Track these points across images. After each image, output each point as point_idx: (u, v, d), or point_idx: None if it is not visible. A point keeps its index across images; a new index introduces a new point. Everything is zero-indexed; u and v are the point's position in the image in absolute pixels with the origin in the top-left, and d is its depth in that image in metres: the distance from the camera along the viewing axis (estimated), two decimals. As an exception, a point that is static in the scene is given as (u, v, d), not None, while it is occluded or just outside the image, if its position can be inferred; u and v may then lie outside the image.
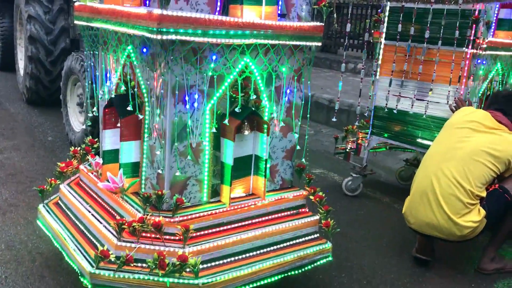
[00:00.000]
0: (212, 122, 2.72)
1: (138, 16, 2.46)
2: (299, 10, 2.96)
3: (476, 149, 3.38)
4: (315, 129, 7.62)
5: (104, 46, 2.94)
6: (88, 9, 2.96)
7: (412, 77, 4.39)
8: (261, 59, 2.78)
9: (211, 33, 2.48)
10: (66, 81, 5.79)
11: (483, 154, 3.35)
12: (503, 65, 4.27)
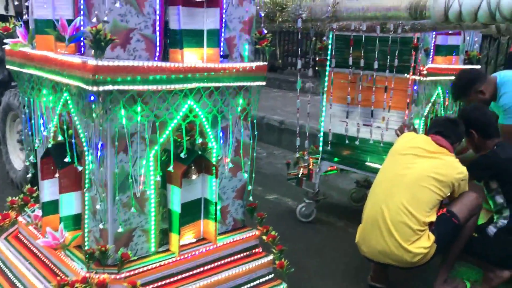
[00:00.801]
0: (157, 170, 2.62)
1: (73, 66, 2.34)
2: (242, 50, 2.93)
3: (421, 175, 3.45)
4: (267, 151, 7.62)
5: (39, 93, 2.79)
6: (20, 55, 2.81)
7: (357, 103, 4.46)
8: (205, 102, 2.72)
9: (151, 80, 2.40)
10: (5, 117, 5.50)
11: (428, 179, 3.42)
12: (443, 89, 4.42)
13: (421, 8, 2.41)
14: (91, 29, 2.19)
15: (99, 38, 2.20)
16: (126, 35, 2.43)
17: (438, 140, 3.58)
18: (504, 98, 3.88)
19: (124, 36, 2.43)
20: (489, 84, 3.97)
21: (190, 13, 2.62)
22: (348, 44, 4.24)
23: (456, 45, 4.48)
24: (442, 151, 3.54)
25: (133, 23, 2.44)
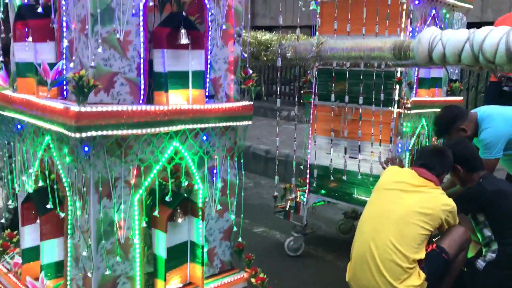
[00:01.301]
0: (142, 215, 2.56)
1: (55, 112, 2.30)
2: (228, 90, 2.91)
3: (408, 211, 3.42)
4: (254, 181, 7.56)
5: (20, 137, 2.72)
6: (0, 97, 2.75)
7: (342, 136, 4.46)
8: (191, 144, 2.68)
9: (136, 124, 2.37)
10: (-15, 153, 5.36)
11: (415, 214, 3.39)
12: (428, 121, 4.45)
13: (405, 49, 2.43)
14: (74, 75, 2.16)
15: (82, 84, 2.16)
16: (109, 79, 2.40)
17: (423, 173, 3.57)
18: (484, 133, 3.92)
19: (108, 80, 2.40)
20: (470, 121, 4.02)
21: (175, 55, 2.61)
22: (331, 77, 4.27)
23: (438, 78, 4.54)
24: (428, 184, 3.53)
25: (116, 67, 2.42)
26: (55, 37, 2.53)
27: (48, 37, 2.51)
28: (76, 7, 2.34)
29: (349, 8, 3.85)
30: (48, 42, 2.51)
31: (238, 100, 2.96)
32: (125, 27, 2.38)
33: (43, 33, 2.49)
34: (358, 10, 3.99)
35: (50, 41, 2.52)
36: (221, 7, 2.77)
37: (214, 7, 2.73)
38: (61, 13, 2.46)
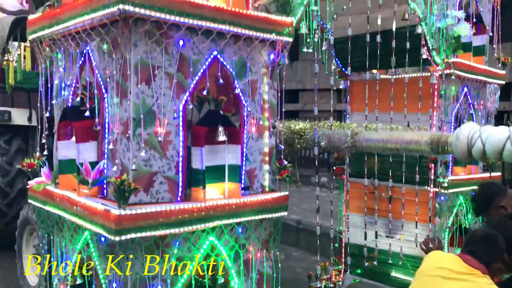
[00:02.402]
0: (178, 314, 2.51)
1: (95, 213, 2.33)
2: (262, 180, 2.92)
3: (448, 300, 3.24)
4: (285, 252, 7.40)
5: (60, 233, 2.77)
6: (43, 192, 2.83)
7: (380, 215, 4.36)
8: (227, 239, 2.66)
9: (174, 223, 2.38)
10: (22, 230, 5.47)
11: (457, 304, 3.21)
12: (465, 199, 4.33)
13: (443, 144, 2.41)
14: (116, 180, 2.21)
15: (123, 188, 2.21)
16: (149, 179, 2.44)
17: (468, 260, 3.41)
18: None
19: (147, 180, 2.44)
20: (510, 198, 3.88)
21: (212, 151, 2.66)
22: (364, 154, 4.24)
23: (474, 154, 4.46)
24: (474, 272, 3.36)
25: (156, 166, 2.47)
26: (97, 137, 2.63)
27: (91, 137, 2.61)
28: (119, 111, 2.44)
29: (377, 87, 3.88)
30: (91, 142, 2.60)
31: (273, 190, 2.95)
32: (165, 128, 2.46)
33: (86, 134, 2.59)
34: (388, 89, 4.02)
35: (92, 141, 2.61)
36: (256, 102, 2.83)
37: (249, 102, 2.79)
38: (103, 115, 2.56)
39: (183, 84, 2.54)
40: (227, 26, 2.56)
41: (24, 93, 7.10)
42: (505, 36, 5.17)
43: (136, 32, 2.33)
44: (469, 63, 4.21)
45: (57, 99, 2.90)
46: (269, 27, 2.75)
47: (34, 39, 2.92)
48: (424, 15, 3.83)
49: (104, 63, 2.53)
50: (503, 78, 4.61)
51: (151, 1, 2.28)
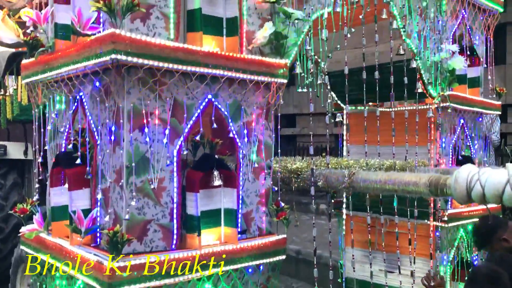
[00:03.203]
0: None
1: (88, 264, 2.28)
2: (259, 223, 2.87)
3: None
4: (285, 284, 7.27)
5: (52, 281, 2.70)
6: (35, 240, 2.77)
7: (378, 248, 4.29)
8: (224, 287, 2.60)
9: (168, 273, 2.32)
10: (16, 269, 5.36)
11: None
12: (466, 232, 4.27)
13: (442, 187, 2.38)
14: (108, 232, 2.16)
15: (116, 240, 2.15)
16: (143, 228, 2.39)
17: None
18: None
19: (141, 229, 2.39)
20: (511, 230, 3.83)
21: (207, 195, 2.62)
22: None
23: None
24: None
25: (150, 214, 2.42)
26: (91, 184, 2.58)
27: (84, 184, 2.56)
28: (112, 159, 2.40)
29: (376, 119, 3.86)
30: (84, 189, 2.56)
31: (271, 233, 2.90)
32: (159, 175, 2.42)
33: (79, 181, 2.54)
34: (386, 121, 4.01)
35: (85, 188, 2.57)
36: (252, 143, 2.80)
37: (245, 144, 2.76)
38: (96, 162, 2.52)
39: (177, 129, 2.51)
40: (221, 70, 2.55)
41: (20, 126, 7.07)
42: (497, 59, 5.21)
43: (129, 80, 2.31)
44: (465, 95, 4.21)
45: (50, 145, 2.86)
46: (263, 69, 2.74)
47: (28, 83, 2.90)
48: (418, 50, 3.84)
49: (96, 109, 2.50)
50: (499, 109, 4.60)
51: (144, 49, 2.27)
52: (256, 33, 2.82)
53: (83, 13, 2.44)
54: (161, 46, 2.32)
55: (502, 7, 4.59)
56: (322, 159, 3.32)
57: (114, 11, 2.21)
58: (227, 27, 2.69)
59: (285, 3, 2.90)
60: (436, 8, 3.98)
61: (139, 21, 2.38)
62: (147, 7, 2.40)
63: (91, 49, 2.29)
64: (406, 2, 3.68)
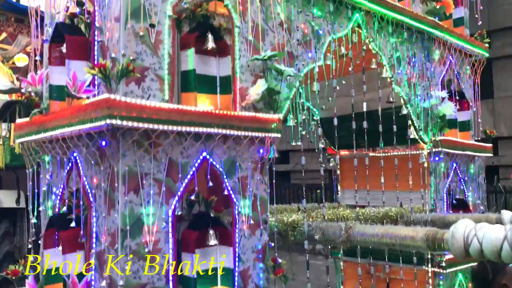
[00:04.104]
0: None
1: (82, 332, 2.22)
2: (257, 280, 2.83)
3: None
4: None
5: None
6: (27, 303, 2.70)
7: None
8: None
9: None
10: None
11: None
12: (464, 276, 4.24)
13: (439, 242, 2.38)
14: None
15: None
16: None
17: None
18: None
19: None
20: (510, 275, 3.81)
21: (203, 254, 2.59)
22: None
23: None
24: None
25: (145, 278, 2.38)
26: (85, 247, 2.55)
27: (78, 247, 2.53)
28: (107, 221, 2.38)
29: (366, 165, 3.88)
30: (78, 252, 2.52)
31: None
32: (154, 237, 2.39)
33: (73, 244, 2.51)
34: (377, 167, 4.03)
35: (79, 251, 2.53)
36: (247, 199, 2.79)
37: (240, 200, 2.76)
38: (91, 224, 2.50)
39: (172, 189, 2.51)
40: (215, 128, 2.57)
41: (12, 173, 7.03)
42: (484, 93, 5.30)
43: (125, 143, 2.32)
44: (456, 140, 4.27)
45: (44, 206, 2.84)
46: (257, 125, 2.77)
47: (22, 142, 2.90)
48: (408, 97, 3.91)
49: (91, 171, 2.50)
50: (491, 151, 4.66)
51: (139, 112, 2.28)
52: (249, 90, 2.86)
53: (78, 76, 2.46)
54: (156, 108, 2.34)
55: (487, 51, 4.71)
56: (319, 210, 3.32)
57: (109, 76, 2.24)
58: (220, 85, 2.73)
59: (277, 60, 2.96)
60: (424, 56, 4.07)
61: (134, 83, 2.41)
62: (142, 69, 2.44)
63: (86, 113, 2.30)
64: (394, 52, 3.78)
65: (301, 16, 3.16)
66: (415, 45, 3.98)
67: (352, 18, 3.48)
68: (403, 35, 3.87)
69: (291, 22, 3.11)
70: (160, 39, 2.52)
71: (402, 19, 3.82)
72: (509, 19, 11.45)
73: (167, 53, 2.54)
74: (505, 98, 11.80)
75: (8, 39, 9.37)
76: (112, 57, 2.36)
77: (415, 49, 3.99)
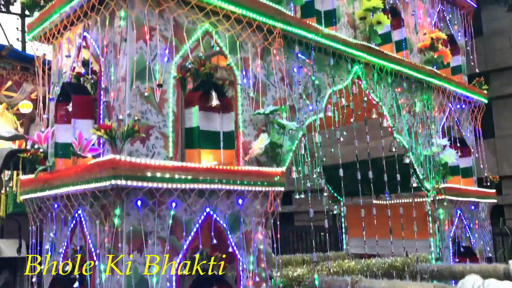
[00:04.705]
0: None
1: None
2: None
3: None
4: None
5: None
6: None
7: None
8: None
9: None
10: None
11: None
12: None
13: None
14: None
15: None
16: None
17: None
18: None
19: None
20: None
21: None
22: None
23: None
24: None
25: None
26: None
27: (81, 307, 2.49)
28: (111, 282, 2.36)
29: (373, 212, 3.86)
30: (81, 312, 2.48)
31: None
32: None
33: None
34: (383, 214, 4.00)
35: (82, 311, 2.49)
36: (252, 254, 2.77)
37: (245, 256, 2.73)
38: (94, 283, 2.47)
39: (176, 246, 2.49)
40: (219, 184, 2.58)
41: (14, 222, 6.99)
42: (485, 133, 5.32)
43: (129, 203, 2.32)
44: (459, 187, 4.26)
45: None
46: (260, 179, 2.78)
47: (26, 199, 2.91)
48: (410, 145, 3.94)
49: (95, 230, 2.49)
50: (495, 197, 4.64)
51: (143, 171, 2.30)
52: (252, 143, 2.90)
53: (84, 135, 2.50)
54: (161, 167, 2.36)
55: (486, 98, 4.77)
56: (324, 263, 3.28)
57: (115, 137, 2.27)
58: (224, 140, 2.76)
59: (279, 114, 3.01)
60: (424, 104, 4.13)
61: (139, 142, 2.44)
62: (147, 128, 2.48)
63: (91, 173, 2.32)
64: (394, 101, 3.83)
65: (301, 71, 3.23)
66: (414, 94, 4.05)
67: (351, 70, 3.56)
68: (402, 84, 3.94)
69: (292, 77, 3.18)
70: (165, 98, 2.58)
71: (401, 70, 3.90)
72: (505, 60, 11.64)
73: (172, 111, 2.58)
74: (506, 137, 11.85)
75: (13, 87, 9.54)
76: (119, 119, 2.40)
77: (415, 98, 4.05)
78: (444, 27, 4.75)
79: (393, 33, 4.09)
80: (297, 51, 3.19)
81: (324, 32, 3.31)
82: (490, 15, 11.44)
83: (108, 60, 2.61)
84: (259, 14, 2.93)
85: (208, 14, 2.74)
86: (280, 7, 3.04)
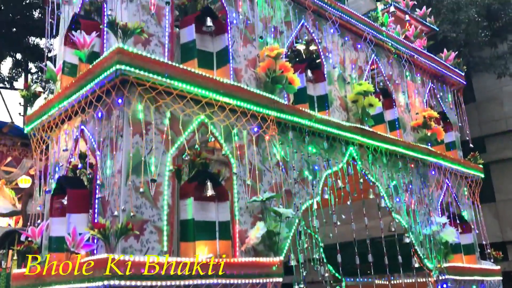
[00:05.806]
0: None
1: None
2: None
3: None
4: None
5: None
6: None
7: None
8: None
9: None
10: None
11: None
12: None
13: None
14: None
15: None
16: None
17: None
18: None
19: None
20: None
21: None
22: None
23: None
24: None
25: None
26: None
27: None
28: None
29: None
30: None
31: None
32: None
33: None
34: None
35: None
36: None
37: None
38: None
39: None
40: (215, 279, 2.52)
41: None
42: (486, 197, 5.25)
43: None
44: (463, 265, 4.17)
45: None
46: (258, 271, 2.72)
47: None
48: (409, 225, 3.90)
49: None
50: (499, 274, 4.53)
51: (137, 269, 2.26)
52: (248, 232, 2.86)
53: (78, 230, 2.48)
54: (154, 264, 2.32)
55: (482, 172, 4.79)
56: None
57: (109, 236, 2.25)
58: (219, 230, 2.73)
59: (275, 201, 3.00)
60: (421, 182, 4.13)
61: (133, 238, 2.41)
62: (141, 223, 2.46)
63: (84, 271, 2.28)
64: (391, 181, 3.84)
65: (296, 155, 3.26)
66: (410, 172, 4.06)
67: (346, 152, 3.59)
68: (398, 164, 3.96)
69: (287, 162, 3.20)
70: (160, 191, 2.58)
71: (396, 149, 3.94)
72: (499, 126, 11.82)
73: (167, 203, 2.58)
74: (507, 201, 11.78)
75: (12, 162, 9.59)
76: (113, 215, 2.40)
77: (411, 176, 4.06)
78: (436, 104, 4.86)
79: (386, 113, 4.18)
80: (292, 137, 3.24)
81: (317, 117, 3.38)
82: (481, 82, 11.76)
83: (104, 154, 2.64)
84: (253, 104, 3.00)
85: (203, 106, 2.81)
86: (273, 96, 3.12)
